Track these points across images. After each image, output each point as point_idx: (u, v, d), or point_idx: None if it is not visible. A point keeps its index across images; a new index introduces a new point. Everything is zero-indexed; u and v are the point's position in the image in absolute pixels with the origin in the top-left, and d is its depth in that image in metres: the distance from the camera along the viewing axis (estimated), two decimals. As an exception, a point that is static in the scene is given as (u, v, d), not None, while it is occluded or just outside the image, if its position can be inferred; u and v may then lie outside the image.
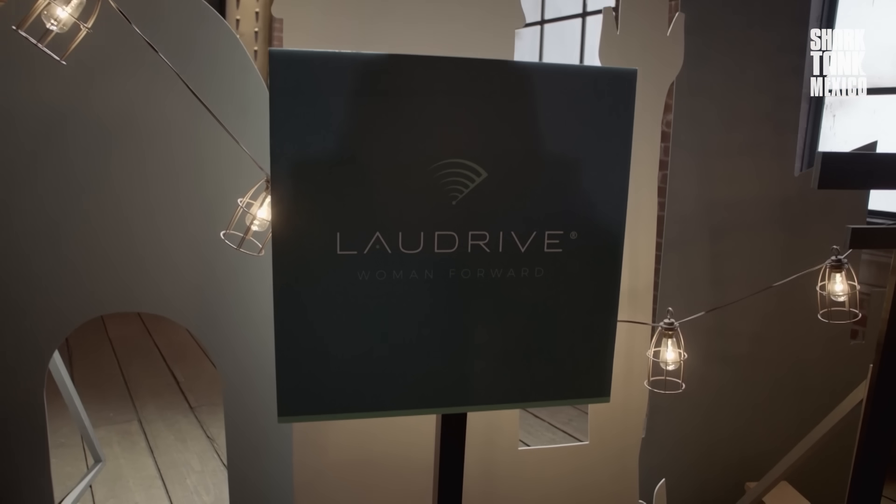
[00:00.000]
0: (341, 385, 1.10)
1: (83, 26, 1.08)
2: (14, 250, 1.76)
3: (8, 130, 1.70)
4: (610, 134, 1.11)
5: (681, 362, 1.52)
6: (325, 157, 1.02)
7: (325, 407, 1.11)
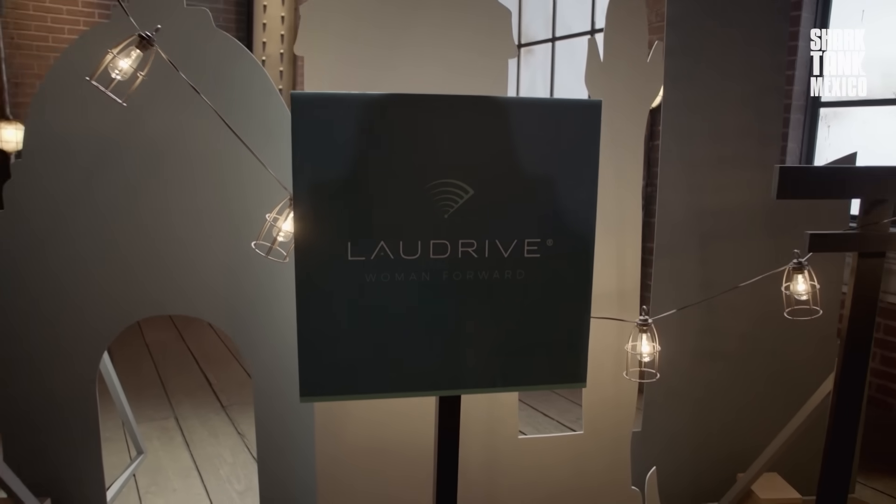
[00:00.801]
0: (352, 371, 1.31)
1: (140, 74, 1.32)
2: (72, 260, 2.02)
3: (67, 157, 1.96)
4: (579, 156, 1.30)
5: (655, 355, 1.69)
6: (337, 180, 1.23)
7: (339, 389, 1.32)
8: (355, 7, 1.79)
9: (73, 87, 1.95)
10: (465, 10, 1.85)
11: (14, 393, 2.08)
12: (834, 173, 1.62)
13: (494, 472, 2.06)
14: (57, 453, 2.15)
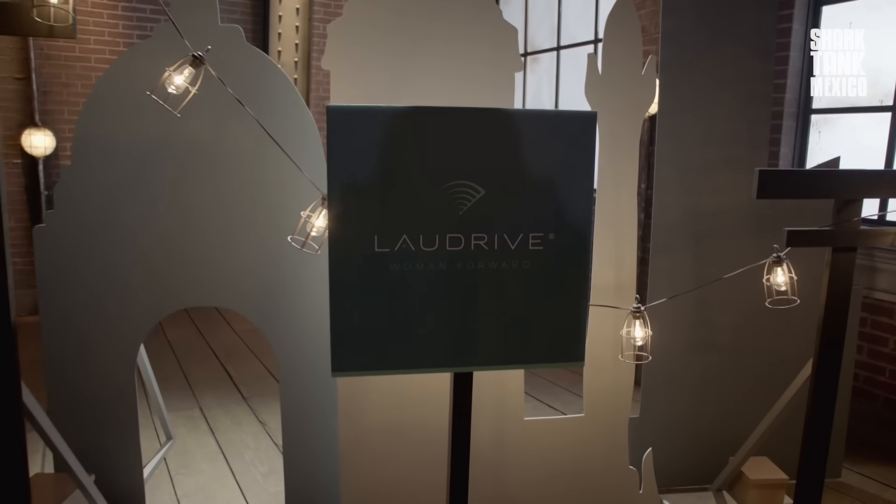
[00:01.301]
0: (377, 349, 1.49)
1: (191, 89, 1.51)
2: (117, 255, 2.22)
3: (115, 159, 2.16)
4: (576, 160, 1.48)
5: (647, 339, 1.86)
6: (365, 181, 1.41)
7: (365, 366, 1.50)
8: (375, 26, 1.98)
9: (116, 98, 2.15)
10: (475, 28, 2.04)
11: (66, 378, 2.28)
12: (807, 176, 1.79)
13: (502, 453, 2.23)
14: (100, 435, 2.34)
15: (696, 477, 2.64)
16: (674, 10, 2.42)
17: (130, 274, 2.25)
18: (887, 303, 2.97)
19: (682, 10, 2.43)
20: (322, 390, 2.36)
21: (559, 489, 2.27)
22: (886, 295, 2.97)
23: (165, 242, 2.25)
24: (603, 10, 4.77)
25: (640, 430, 2.54)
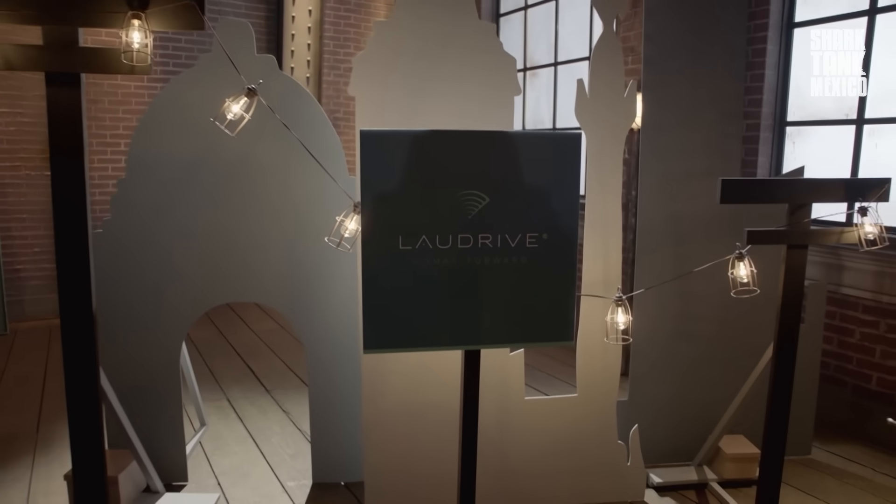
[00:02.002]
0: (400, 330, 1.80)
1: (246, 116, 1.83)
2: (163, 256, 2.54)
3: (164, 172, 2.48)
4: (565, 173, 1.80)
5: (629, 324, 2.17)
6: (391, 192, 1.73)
7: (391, 344, 1.80)
8: (393, 58, 2.30)
9: (166, 119, 2.48)
10: (480, 59, 2.36)
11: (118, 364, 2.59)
12: (760, 184, 2.11)
13: (505, 431, 2.53)
14: (149, 415, 2.66)
15: (680, 454, 2.93)
16: (655, 37, 2.74)
17: (177, 274, 2.57)
18: (853, 297, 3.27)
19: (663, 37, 2.75)
20: (345, 375, 2.67)
21: (556, 462, 2.57)
22: (852, 290, 3.27)
23: (207, 246, 2.57)
24: (597, 28, 5.10)
25: (628, 413, 2.83)
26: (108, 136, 5.42)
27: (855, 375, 3.30)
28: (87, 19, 1.79)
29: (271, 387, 3.92)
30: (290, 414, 3.52)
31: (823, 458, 3.05)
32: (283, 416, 3.50)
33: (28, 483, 2.76)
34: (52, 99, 1.83)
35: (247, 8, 5.91)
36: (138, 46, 1.75)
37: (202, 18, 1.80)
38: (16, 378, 3.95)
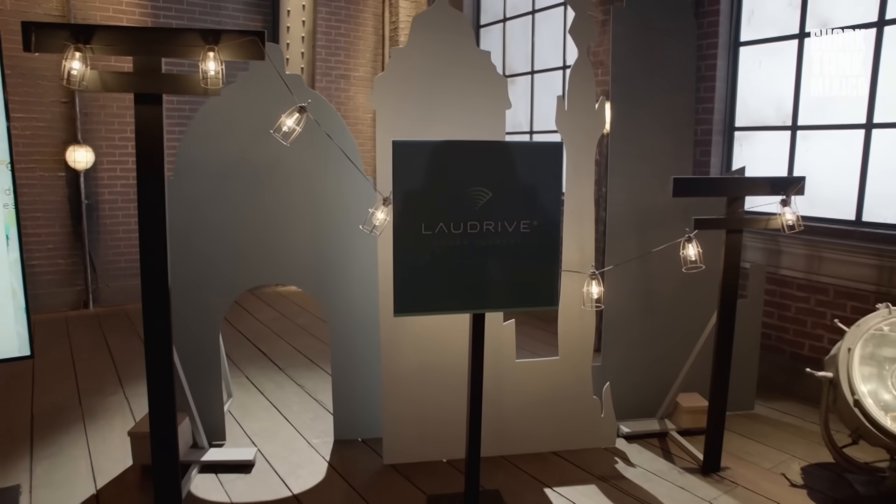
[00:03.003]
0: (423, 297, 2.28)
1: (297, 128, 2.29)
2: (209, 243, 2.97)
3: (209, 172, 2.92)
4: (549, 173, 2.30)
5: (601, 294, 2.69)
6: (417, 187, 2.20)
7: (416, 308, 2.28)
8: (407, 78, 2.78)
9: (211, 126, 2.91)
10: (478, 76, 2.85)
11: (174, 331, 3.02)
12: (704, 182, 2.64)
13: (500, 389, 3.02)
14: (194, 382, 3.08)
15: (645, 410, 3.46)
16: (621, 59, 3.26)
17: (221, 259, 3.01)
18: (790, 277, 3.85)
19: (628, 58, 3.27)
20: (363, 345, 3.14)
21: (542, 414, 3.07)
22: (789, 272, 3.85)
23: (246, 235, 3.02)
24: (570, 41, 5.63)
25: (602, 375, 3.35)
26: (117, 140, 5.77)
27: (791, 344, 3.88)
28: (171, 51, 2.23)
29: (284, 365, 4.35)
30: (305, 387, 3.97)
31: (764, 412, 3.62)
32: (298, 388, 3.95)
33: (86, 444, 3.17)
34: (140, 114, 2.26)
35: (244, 18, 6.31)
36: (213, 73, 2.19)
37: (262, 50, 2.25)
38: (45, 364, 4.31)
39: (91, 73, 2.18)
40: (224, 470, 2.93)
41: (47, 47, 2.16)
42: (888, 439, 2.50)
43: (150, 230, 2.33)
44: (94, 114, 5.64)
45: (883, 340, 2.69)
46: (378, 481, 2.84)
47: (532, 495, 2.74)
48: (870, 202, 3.60)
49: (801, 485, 2.83)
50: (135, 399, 3.73)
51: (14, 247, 2.07)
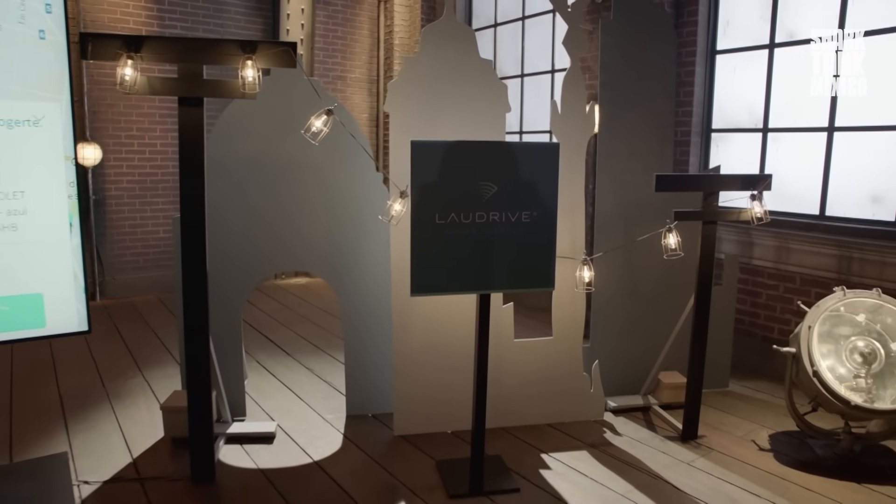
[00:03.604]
0: (437, 279, 2.57)
1: (325, 129, 2.57)
2: (230, 235, 3.24)
3: (233, 168, 3.18)
4: (547, 170, 2.60)
5: (592, 278, 3.01)
6: (432, 182, 2.50)
7: (431, 289, 2.58)
8: (418, 85, 3.07)
9: (235, 125, 3.18)
10: (481, 82, 3.14)
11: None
12: (682, 178, 2.97)
13: (500, 367, 3.32)
14: (218, 359, 3.34)
15: (630, 387, 3.79)
16: (608, 66, 3.58)
17: (244, 247, 3.27)
18: (761, 267, 4.20)
19: (614, 66, 3.58)
20: (374, 327, 3.42)
21: (537, 388, 3.38)
22: (760, 261, 4.20)
23: (266, 227, 3.28)
24: (558, 44, 5.96)
25: (591, 355, 3.67)
26: (123, 137, 5.98)
27: (762, 328, 4.24)
28: (212, 59, 2.50)
29: (291, 351, 4.62)
30: (314, 370, 4.24)
31: (738, 389, 3.97)
32: (307, 371, 4.22)
33: (115, 420, 3.41)
34: (183, 115, 2.53)
35: (246, 21, 6.54)
36: (251, 79, 2.47)
37: (294, 59, 2.53)
38: (63, 351, 4.52)
39: (141, 79, 2.45)
40: (248, 441, 3.20)
41: (102, 55, 2.42)
42: (842, 405, 2.84)
43: (190, 220, 2.59)
44: (102, 112, 5.85)
45: (839, 320, 3.04)
46: (391, 450, 3.13)
47: (530, 460, 3.05)
48: (832, 198, 3.97)
49: (769, 449, 3.17)
50: (154, 381, 3.98)
51: (76, 233, 2.33)
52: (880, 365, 2.90)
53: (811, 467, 2.97)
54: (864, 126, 3.78)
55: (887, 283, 3.50)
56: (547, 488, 2.79)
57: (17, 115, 2.16)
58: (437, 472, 2.90)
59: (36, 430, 3.26)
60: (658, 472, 2.94)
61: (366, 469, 2.95)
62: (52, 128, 2.24)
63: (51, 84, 2.20)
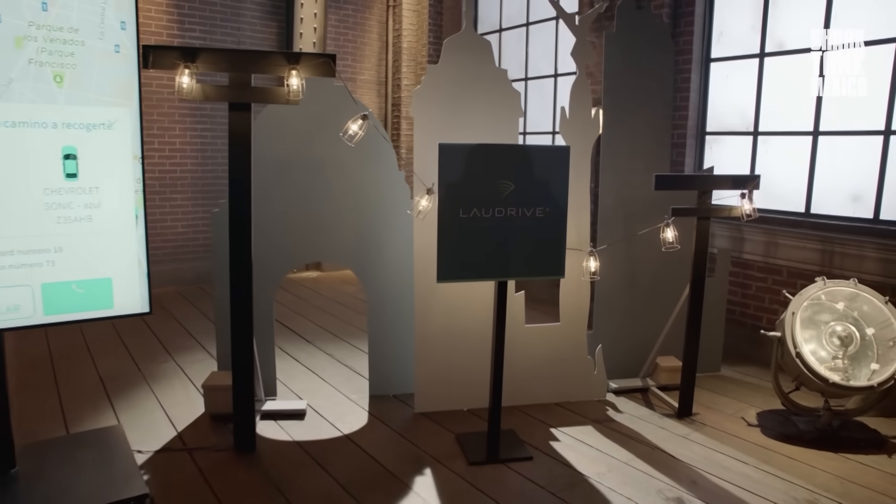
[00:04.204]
0: (461, 267, 2.87)
1: (360, 132, 2.86)
2: (267, 227, 3.53)
3: (267, 167, 3.47)
4: (558, 172, 2.90)
5: (597, 267, 3.31)
6: (457, 180, 2.79)
7: (456, 276, 2.88)
8: (440, 91, 3.36)
9: (269, 128, 3.46)
10: (496, 89, 3.44)
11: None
12: (679, 178, 3.28)
13: (511, 350, 3.62)
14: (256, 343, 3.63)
15: (629, 371, 4.10)
16: (611, 74, 3.88)
17: (276, 239, 3.56)
18: (751, 261, 4.52)
19: (617, 74, 3.89)
20: (396, 313, 3.72)
21: (545, 370, 3.69)
22: (750, 256, 4.52)
23: (298, 220, 3.57)
24: (561, 49, 6.25)
25: (594, 340, 3.97)
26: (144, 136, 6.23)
27: (752, 318, 4.56)
28: (260, 69, 2.79)
29: (311, 339, 4.91)
30: (334, 356, 4.53)
31: (729, 373, 4.28)
32: (328, 357, 4.51)
33: (155, 399, 3.70)
34: (233, 118, 2.81)
35: (262, 25, 6.82)
36: (295, 87, 2.76)
37: (333, 69, 2.82)
38: (94, 338, 4.80)
39: (196, 86, 2.73)
40: (281, 417, 3.49)
41: (161, 65, 2.71)
42: (822, 383, 3.16)
43: (238, 213, 2.88)
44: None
45: (820, 308, 3.35)
46: (413, 425, 3.43)
47: (540, 433, 3.35)
48: (816, 197, 4.29)
49: (756, 425, 3.49)
50: (186, 366, 4.26)
51: (141, 224, 2.60)
52: (856, 347, 3.22)
53: (794, 440, 3.29)
54: (846, 131, 4.10)
55: (866, 274, 3.82)
56: (557, 456, 3.10)
57: (94, 120, 2.44)
58: (457, 444, 3.20)
59: (85, 408, 3.54)
60: (656, 443, 3.25)
61: (392, 441, 3.24)
62: (123, 131, 2.51)
63: (123, 92, 2.48)
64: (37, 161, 2.35)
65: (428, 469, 2.96)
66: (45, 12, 2.27)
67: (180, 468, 2.92)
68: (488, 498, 2.72)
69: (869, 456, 3.13)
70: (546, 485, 2.83)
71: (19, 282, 2.39)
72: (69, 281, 2.48)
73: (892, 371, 3.09)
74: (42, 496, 2.45)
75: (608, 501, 2.71)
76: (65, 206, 2.43)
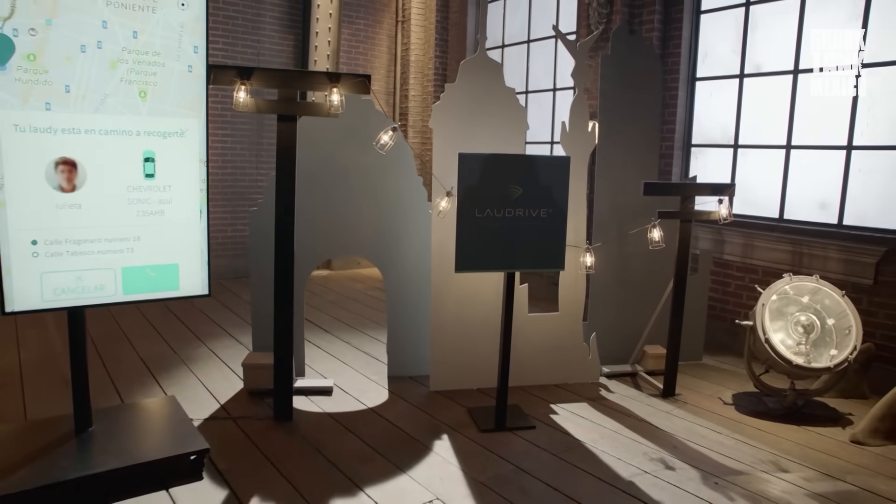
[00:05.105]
0: (475, 259, 3.32)
1: (390, 142, 3.32)
2: (299, 224, 3.96)
3: (298, 173, 3.92)
4: (560, 178, 3.37)
5: (593, 262, 3.77)
6: (473, 184, 3.25)
7: (471, 267, 3.33)
8: (457, 107, 3.82)
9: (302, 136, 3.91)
10: (505, 103, 3.91)
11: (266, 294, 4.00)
12: (664, 185, 3.75)
13: (516, 335, 4.07)
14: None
15: (620, 357, 4.55)
16: (606, 92, 4.35)
17: (305, 239, 4.00)
18: (731, 261, 5.00)
19: (611, 91, 4.36)
20: (412, 301, 4.16)
21: (545, 355, 4.14)
22: (730, 256, 5.00)
23: (325, 221, 4.02)
24: (560, 65, 6.74)
25: (589, 329, 4.43)
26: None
27: (731, 313, 5.03)
28: (306, 86, 3.24)
29: (329, 329, 5.34)
30: (351, 343, 4.96)
31: (710, 362, 4.75)
32: (346, 344, 4.94)
33: (195, 377, 4.12)
34: (281, 129, 3.26)
35: (279, 38, 7.27)
36: (336, 102, 3.21)
37: (369, 87, 3.27)
38: (129, 326, 5.21)
39: (249, 100, 3.18)
40: (311, 393, 3.92)
41: (221, 82, 3.15)
42: (787, 365, 3.62)
43: (283, 210, 3.32)
44: (153, 118, 6.54)
45: (788, 300, 3.83)
46: (429, 400, 3.87)
47: (542, 409, 3.80)
48: (789, 204, 4.77)
49: (731, 403, 3.95)
50: (218, 350, 4.68)
51: (204, 219, 3.03)
52: (817, 335, 3.69)
53: (764, 416, 3.75)
54: (815, 145, 4.59)
55: (830, 273, 4.30)
56: (556, 426, 3.55)
57: (169, 129, 2.87)
58: (469, 415, 3.64)
59: (134, 383, 3.96)
60: (643, 417, 3.71)
61: (411, 413, 3.68)
62: (192, 138, 2.95)
63: (193, 105, 2.92)
64: (123, 163, 2.78)
65: (445, 435, 3.40)
66: (135, 39, 2.71)
67: (228, 433, 3.35)
68: (498, 457, 3.17)
69: (826, 428, 3.60)
70: (547, 447, 3.28)
71: (105, 265, 2.82)
72: (145, 266, 2.92)
73: (846, 354, 3.57)
74: (118, 449, 2.87)
75: (601, 461, 3.16)
76: (143, 201, 2.86)
